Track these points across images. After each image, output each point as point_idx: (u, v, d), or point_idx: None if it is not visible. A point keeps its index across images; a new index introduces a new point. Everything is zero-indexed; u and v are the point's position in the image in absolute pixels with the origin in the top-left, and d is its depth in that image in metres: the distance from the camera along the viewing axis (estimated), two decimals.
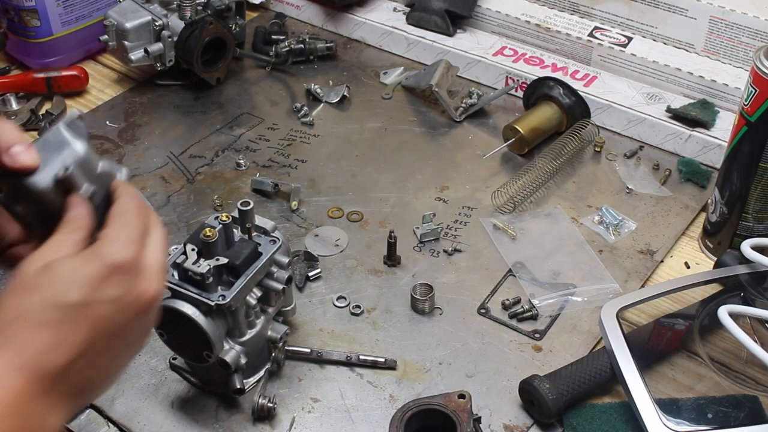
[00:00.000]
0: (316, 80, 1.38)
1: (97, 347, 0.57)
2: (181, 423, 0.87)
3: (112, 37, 1.32)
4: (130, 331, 0.60)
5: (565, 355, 0.94)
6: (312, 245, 1.08)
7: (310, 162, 1.22)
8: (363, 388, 0.90)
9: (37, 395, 0.55)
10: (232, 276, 0.82)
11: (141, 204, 0.63)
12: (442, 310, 0.99)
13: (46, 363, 0.55)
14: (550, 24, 1.37)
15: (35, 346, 0.55)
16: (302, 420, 0.87)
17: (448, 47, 1.39)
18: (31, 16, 1.34)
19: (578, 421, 0.86)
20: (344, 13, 1.50)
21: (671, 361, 0.92)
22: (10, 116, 1.30)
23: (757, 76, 0.92)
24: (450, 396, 0.83)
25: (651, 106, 1.25)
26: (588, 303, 1.00)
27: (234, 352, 0.84)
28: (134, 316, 0.59)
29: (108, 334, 0.58)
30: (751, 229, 1.02)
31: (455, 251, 1.07)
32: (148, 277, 0.60)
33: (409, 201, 1.15)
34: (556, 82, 1.24)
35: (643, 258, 1.06)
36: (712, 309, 0.91)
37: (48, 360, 0.55)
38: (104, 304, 0.57)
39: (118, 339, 0.59)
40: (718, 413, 0.85)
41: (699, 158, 1.20)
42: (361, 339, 0.96)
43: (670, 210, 1.13)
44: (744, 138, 0.97)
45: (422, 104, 1.34)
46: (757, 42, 1.24)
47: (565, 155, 1.18)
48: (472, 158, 1.23)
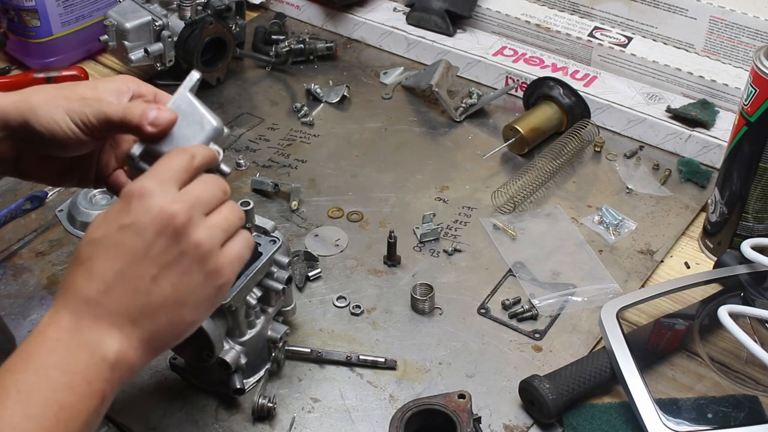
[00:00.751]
0: (316, 80, 1.38)
1: (131, 272, 0.61)
2: (181, 423, 0.87)
3: (112, 37, 1.32)
4: (165, 254, 0.62)
5: (565, 355, 0.94)
6: (312, 245, 1.08)
7: (310, 162, 1.22)
8: (363, 388, 0.90)
9: (79, 326, 0.61)
10: None
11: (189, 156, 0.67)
12: (442, 310, 0.99)
13: (82, 294, 0.61)
14: (550, 24, 1.37)
15: (72, 282, 0.62)
16: (302, 420, 0.87)
17: (448, 47, 1.39)
18: (31, 16, 1.34)
19: (578, 421, 0.86)
20: (344, 13, 1.50)
21: (671, 361, 0.92)
22: None
23: (757, 76, 0.92)
24: (450, 396, 0.83)
25: (651, 106, 1.25)
26: (588, 303, 0.99)
27: (234, 352, 0.84)
28: (159, 233, 0.62)
29: (138, 257, 0.61)
30: (751, 229, 1.02)
31: (455, 251, 1.07)
32: (165, 196, 0.62)
33: (409, 201, 1.15)
34: (556, 82, 1.24)
35: (643, 258, 1.06)
36: (712, 309, 0.91)
37: (83, 291, 0.61)
38: (128, 227, 0.62)
39: (155, 262, 0.62)
40: (718, 413, 0.85)
41: (699, 158, 1.20)
42: (361, 339, 0.96)
43: (670, 210, 1.13)
44: (744, 138, 0.97)
45: (422, 104, 1.34)
46: (757, 42, 1.24)
47: (565, 155, 1.18)
48: (472, 158, 1.23)
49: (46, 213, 1.12)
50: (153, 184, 0.63)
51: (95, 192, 1.12)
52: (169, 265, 0.62)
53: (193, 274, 0.63)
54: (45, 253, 1.07)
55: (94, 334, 0.61)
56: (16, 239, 1.09)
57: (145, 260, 0.62)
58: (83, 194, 1.11)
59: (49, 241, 1.08)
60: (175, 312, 0.63)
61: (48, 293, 1.01)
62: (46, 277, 1.03)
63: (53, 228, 1.10)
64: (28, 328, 0.97)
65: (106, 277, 0.61)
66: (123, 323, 0.61)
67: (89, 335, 0.60)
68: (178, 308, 0.63)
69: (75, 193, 1.13)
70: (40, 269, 1.05)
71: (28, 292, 1.02)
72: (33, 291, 1.02)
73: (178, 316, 0.64)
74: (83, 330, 0.60)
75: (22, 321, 0.98)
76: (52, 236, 1.09)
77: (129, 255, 0.62)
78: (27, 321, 0.98)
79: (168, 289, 0.63)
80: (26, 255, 1.07)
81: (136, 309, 0.62)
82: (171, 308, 0.63)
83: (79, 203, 1.10)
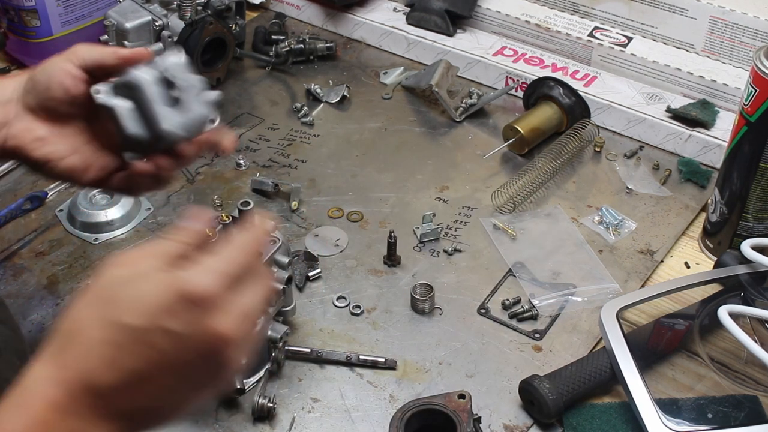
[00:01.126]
0: (316, 80, 1.38)
1: (152, 379, 0.54)
2: (181, 423, 0.87)
3: (112, 37, 1.32)
4: (194, 370, 0.55)
5: (565, 355, 0.94)
6: (312, 245, 1.08)
7: (310, 162, 1.22)
8: (363, 388, 0.90)
9: (75, 412, 0.53)
10: None
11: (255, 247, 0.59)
12: (442, 310, 0.99)
13: (92, 381, 0.53)
14: (550, 24, 1.37)
15: (85, 363, 0.53)
16: (302, 420, 0.87)
17: (448, 47, 1.39)
18: (31, 16, 1.34)
19: (578, 421, 0.86)
20: (344, 13, 1.50)
21: (671, 361, 0.92)
22: None
23: (757, 76, 0.92)
24: (450, 396, 0.83)
25: (651, 106, 1.25)
26: (588, 303, 0.99)
27: None
28: (199, 355, 0.54)
29: (167, 367, 0.54)
30: (751, 229, 1.02)
31: (455, 251, 1.07)
32: (224, 315, 0.54)
33: (409, 201, 1.15)
34: (556, 82, 1.24)
35: (643, 258, 1.06)
36: (712, 309, 0.91)
37: (95, 379, 0.53)
38: (167, 334, 0.53)
39: (179, 376, 0.55)
40: (718, 413, 0.85)
41: (699, 158, 1.20)
42: (361, 339, 0.96)
43: (670, 210, 1.13)
44: (744, 138, 0.97)
45: (422, 104, 1.34)
46: (757, 42, 1.24)
47: (565, 155, 1.18)
48: (472, 158, 1.23)
49: (46, 213, 1.12)
50: (216, 290, 0.54)
51: (95, 192, 1.12)
52: (191, 379, 0.56)
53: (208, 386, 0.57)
54: (45, 253, 1.07)
55: (87, 426, 0.53)
56: (16, 239, 1.09)
57: (173, 373, 0.54)
58: (83, 194, 1.11)
59: (49, 241, 1.08)
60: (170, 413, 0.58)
61: (48, 293, 1.01)
62: (46, 277, 1.03)
63: (53, 228, 1.10)
64: (27, 328, 0.97)
65: (129, 375, 0.53)
66: (120, 420, 0.54)
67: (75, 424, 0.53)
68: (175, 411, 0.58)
69: (75, 193, 1.13)
70: (40, 269, 1.05)
71: (28, 292, 1.02)
72: (33, 291, 1.02)
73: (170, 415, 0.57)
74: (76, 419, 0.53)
75: (22, 321, 0.98)
76: (52, 236, 1.09)
77: (160, 363, 0.54)
78: (27, 321, 0.98)
79: (177, 398, 0.57)
80: (26, 255, 1.07)
81: (139, 410, 0.55)
82: (169, 411, 0.57)
83: (79, 203, 1.10)
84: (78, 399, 0.53)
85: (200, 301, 0.53)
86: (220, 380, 0.57)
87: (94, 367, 0.53)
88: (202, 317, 0.53)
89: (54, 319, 0.98)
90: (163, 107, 0.72)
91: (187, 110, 0.73)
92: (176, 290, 0.53)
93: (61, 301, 1.00)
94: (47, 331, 0.96)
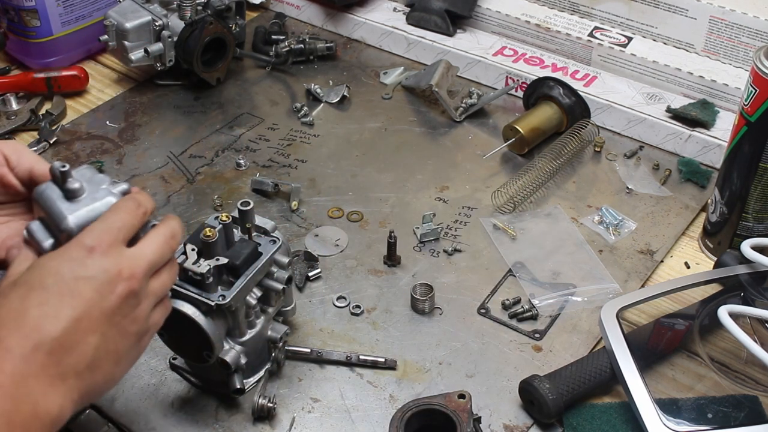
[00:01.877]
0: (316, 80, 1.38)
1: (84, 324, 0.61)
2: (181, 423, 0.87)
3: (112, 37, 1.32)
4: (119, 312, 0.63)
5: (565, 355, 0.94)
6: (312, 245, 1.08)
7: (310, 162, 1.22)
8: (363, 388, 0.90)
9: (30, 374, 0.58)
10: (232, 276, 0.82)
11: (137, 203, 0.68)
12: (442, 310, 0.99)
13: (38, 336, 0.59)
14: (550, 24, 1.37)
15: (27, 321, 0.59)
16: (302, 420, 0.87)
17: (448, 47, 1.39)
18: (31, 16, 1.34)
19: (578, 421, 0.86)
20: (344, 13, 1.50)
21: (671, 361, 0.92)
22: (10, 116, 1.30)
23: (757, 76, 0.92)
24: (450, 396, 0.83)
25: (651, 106, 1.25)
26: (588, 303, 1.00)
27: (234, 352, 0.84)
28: (118, 295, 0.63)
29: (94, 310, 0.62)
30: (751, 229, 1.02)
31: (455, 251, 1.07)
32: (130, 259, 0.64)
33: (409, 201, 1.15)
34: (556, 82, 1.24)
35: (643, 258, 1.06)
36: (712, 309, 0.91)
37: (39, 333, 0.59)
38: (85, 280, 0.61)
39: (107, 317, 0.62)
40: (718, 413, 0.85)
41: (699, 158, 1.20)
42: (361, 339, 0.96)
43: (670, 210, 1.13)
44: (744, 138, 0.97)
45: (422, 104, 1.34)
46: (757, 42, 1.24)
47: (565, 155, 1.18)
48: (472, 158, 1.23)
49: None
50: (108, 240, 0.64)
51: None
52: (115, 325, 0.64)
53: (130, 335, 0.65)
54: None
55: (41, 387, 0.59)
56: None
57: (99, 316, 0.62)
58: None
59: None
60: (111, 369, 0.65)
61: None
62: None
63: None
64: None
65: (64, 322, 0.60)
66: (68, 377, 0.60)
67: (35, 388, 0.58)
68: (114, 366, 0.65)
69: None
70: None
71: None
72: None
73: (111, 373, 0.65)
74: (30, 381, 0.58)
75: None
76: None
77: (86, 306, 0.61)
78: None
79: (111, 347, 0.64)
80: None
81: (84, 364, 0.61)
82: (110, 366, 0.64)
83: None
84: (29, 359, 0.58)
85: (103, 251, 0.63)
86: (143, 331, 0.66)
87: (35, 324, 0.59)
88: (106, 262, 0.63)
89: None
90: (62, 204, 0.68)
91: (90, 201, 0.69)
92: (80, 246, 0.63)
93: None
94: None
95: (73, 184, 0.68)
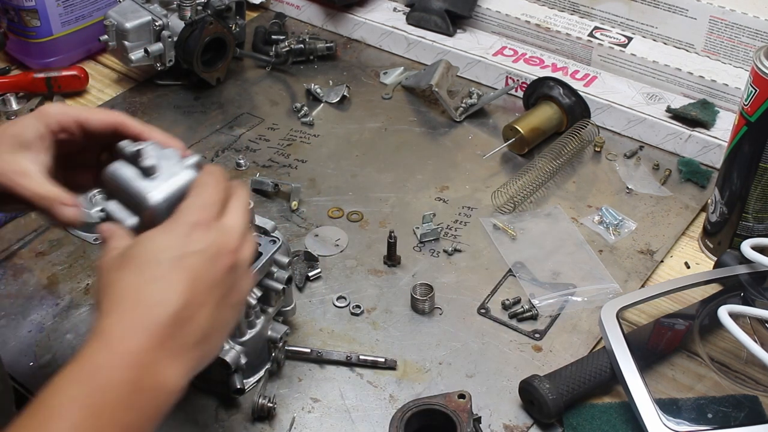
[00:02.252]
0: (316, 80, 1.38)
1: (197, 297, 0.63)
2: (181, 423, 0.87)
3: (112, 37, 1.32)
4: (225, 283, 0.65)
5: (565, 355, 0.94)
6: (312, 245, 1.08)
7: (310, 162, 1.22)
8: (363, 388, 0.90)
9: (156, 352, 0.60)
10: None
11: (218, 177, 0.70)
12: (442, 310, 0.99)
13: (159, 311, 0.61)
14: (550, 24, 1.37)
15: (146, 296, 0.61)
16: (302, 420, 0.87)
17: (448, 47, 1.39)
18: (31, 16, 1.34)
19: (578, 421, 0.86)
20: (344, 13, 1.50)
21: (671, 361, 0.92)
22: (10, 116, 1.30)
23: (757, 76, 0.92)
24: (450, 396, 0.83)
25: (651, 106, 1.25)
26: (588, 303, 0.99)
27: (234, 352, 0.84)
28: (224, 267, 0.65)
29: (204, 283, 0.64)
30: (751, 229, 1.02)
31: (455, 251, 1.07)
32: (228, 233, 0.66)
33: (409, 201, 1.15)
34: (556, 82, 1.24)
35: (643, 258, 1.06)
36: (712, 309, 0.91)
37: (159, 307, 0.61)
38: (195, 254, 0.64)
39: (215, 289, 0.64)
40: (718, 413, 0.85)
41: (699, 158, 1.20)
42: (361, 339, 0.96)
43: (670, 210, 1.13)
44: (744, 138, 0.97)
45: (422, 104, 1.34)
46: (757, 42, 1.24)
47: (565, 155, 1.18)
48: (472, 158, 1.23)
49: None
50: (208, 215, 0.66)
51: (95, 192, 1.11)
52: (222, 296, 0.65)
53: (234, 306, 0.68)
54: (45, 253, 1.07)
55: (163, 359, 0.61)
56: (16, 239, 1.09)
57: (209, 289, 0.64)
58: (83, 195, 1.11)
59: (49, 241, 1.08)
60: (218, 341, 0.67)
61: (48, 293, 1.01)
62: (46, 277, 1.03)
63: (53, 228, 1.10)
64: (27, 328, 0.97)
65: (181, 298, 0.62)
66: (186, 350, 0.62)
67: (159, 360, 0.60)
68: (221, 337, 0.67)
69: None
70: (40, 269, 1.05)
71: (28, 292, 1.02)
72: (33, 291, 1.02)
73: (218, 344, 0.67)
74: (153, 354, 0.60)
75: (22, 321, 0.98)
76: (52, 236, 1.09)
77: (197, 280, 0.63)
78: (27, 321, 0.98)
79: (221, 318, 0.66)
80: (26, 255, 1.07)
81: (198, 336, 0.63)
82: (218, 337, 0.67)
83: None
84: (152, 332, 0.60)
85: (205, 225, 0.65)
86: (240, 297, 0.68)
87: (154, 303, 0.61)
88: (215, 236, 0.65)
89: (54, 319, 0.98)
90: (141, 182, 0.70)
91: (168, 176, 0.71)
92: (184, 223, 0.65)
93: (60, 301, 1.00)
94: (47, 332, 0.96)
95: (148, 162, 0.70)
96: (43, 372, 0.92)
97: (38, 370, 0.92)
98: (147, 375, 0.59)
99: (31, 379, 0.91)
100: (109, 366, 0.58)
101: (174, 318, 0.61)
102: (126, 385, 0.58)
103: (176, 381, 0.62)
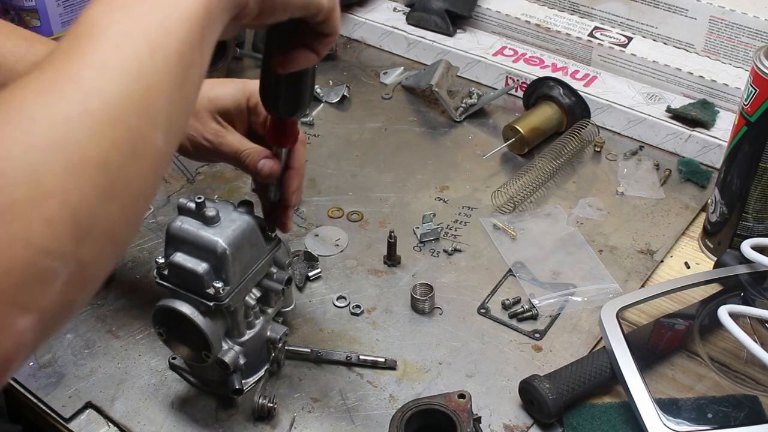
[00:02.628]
0: (316, 80, 1.38)
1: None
2: (181, 423, 0.87)
3: None
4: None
5: (565, 355, 0.94)
6: (312, 245, 1.08)
7: (310, 162, 1.22)
8: (363, 388, 0.90)
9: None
10: None
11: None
12: (442, 310, 0.99)
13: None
14: (550, 24, 1.37)
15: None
16: (302, 420, 0.87)
17: (448, 47, 1.39)
18: (31, 16, 1.34)
19: (578, 421, 0.86)
20: (344, 13, 1.50)
21: (671, 361, 0.92)
22: None
23: (757, 76, 0.92)
24: (450, 396, 0.83)
25: (651, 106, 1.25)
26: (588, 303, 0.99)
27: (233, 353, 0.84)
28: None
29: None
30: (751, 229, 1.02)
31: (455, 251, 1.07)
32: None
33: (409, 201, 1.15)
34: (556, 82, 1.24)
35: (643, 258, 1.06)
36: (712, 309, 0.91)
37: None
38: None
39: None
40: (718, 413, 0.85)
41: (699, 158, 1.20)
42: (361, 339, 0.96)
43: (670, 210, 1.13)
44: (744, 138, 0.97)
45: (422, 104, 1.34)
46: (757, 42, 1.24)
47: (565, 155, 1.18)
48: (472, 158, 1.23)
49: None
50: None
51: None
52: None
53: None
54: None
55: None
56: None
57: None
58: None
59: None
60: None
61: None
62: None
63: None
64: None
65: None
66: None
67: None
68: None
69: None
70: None
71: None
72: None
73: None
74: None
75: None
76: None
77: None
78: None
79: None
80: None
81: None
82: None
83: None
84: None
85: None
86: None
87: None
88: None
89: None
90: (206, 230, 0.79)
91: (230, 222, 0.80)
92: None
93: None
94: None
95: (211, 212, 0.78)
96: (43, 372, 0.92)
97: (38, 370, 0.92)
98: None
99: (31, 379, 0.91)
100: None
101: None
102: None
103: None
